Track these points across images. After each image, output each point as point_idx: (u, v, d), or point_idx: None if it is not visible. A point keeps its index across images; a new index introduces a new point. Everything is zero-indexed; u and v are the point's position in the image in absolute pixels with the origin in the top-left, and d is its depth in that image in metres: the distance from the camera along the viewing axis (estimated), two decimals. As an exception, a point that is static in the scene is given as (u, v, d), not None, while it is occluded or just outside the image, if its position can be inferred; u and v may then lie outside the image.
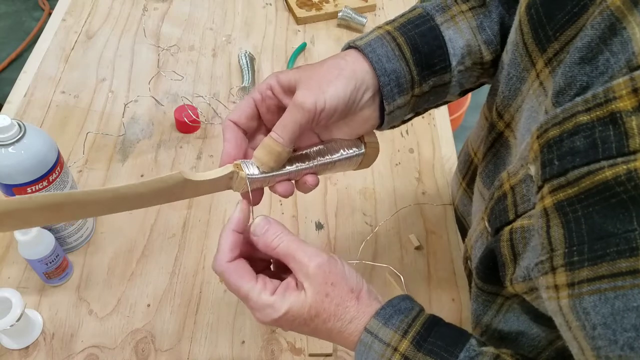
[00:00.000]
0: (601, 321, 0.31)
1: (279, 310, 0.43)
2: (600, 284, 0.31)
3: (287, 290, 0.44)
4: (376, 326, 0.44)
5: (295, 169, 0.48)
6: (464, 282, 0.72)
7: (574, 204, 0.33)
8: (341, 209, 0.79)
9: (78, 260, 0.71)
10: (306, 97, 0.43)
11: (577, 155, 0.33)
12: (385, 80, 0.47)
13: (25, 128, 0.59)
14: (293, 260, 0.44)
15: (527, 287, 0.40)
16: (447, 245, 0.76)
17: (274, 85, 0.47)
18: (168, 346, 0.65)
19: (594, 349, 0.32)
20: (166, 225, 0.75)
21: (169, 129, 0.87)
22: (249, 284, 0.43)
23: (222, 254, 0.44)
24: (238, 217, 0.45)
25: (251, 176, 0.45)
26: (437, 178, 0.83)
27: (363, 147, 0.51)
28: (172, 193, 0.43)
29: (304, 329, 0.45)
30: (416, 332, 0.43)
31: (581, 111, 0.33)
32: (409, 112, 0.52)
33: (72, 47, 0.98)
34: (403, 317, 0.44)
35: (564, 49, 0.39)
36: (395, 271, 0.71)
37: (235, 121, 0.47)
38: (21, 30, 2.30)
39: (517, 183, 0.42)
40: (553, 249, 0.34)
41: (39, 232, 0.62)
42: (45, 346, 0.64)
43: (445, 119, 0.92)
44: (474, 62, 0.51)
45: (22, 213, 0.38)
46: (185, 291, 0.69)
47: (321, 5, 1.08)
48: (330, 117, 0.46)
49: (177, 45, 1.00)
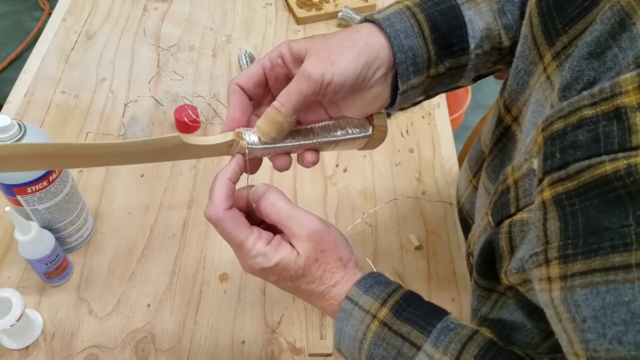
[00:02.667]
0: (591, 314, 0.31)
1: (270, 260, 0.43)
2: (593, 277, 0.31)
3: (280, 244, 0.44)
4: (357, 294, 0.45)
5: (297, 143, 0.46)
6: (464, 282, 0.72)
7: (572, 197, 0.33)
8: (341, 209, 0.79)
9: (78, 260, 0.71)
10: (314, 67, 0.42)
11: (578, 149, 0.32)
12: (402, 57, 0.45)
13: (25, 128, 0.59)
14: (286, 227, 0.44)
15: (521, 278, 0.40)
16: (447, 245, 0.76)
17: (285, 54, 0.45)
18: (168, 346, 0.65)
19: (582, 341, 0.32)
20: (166, 225, 0.75)
21: (169, 129, 0.87)
22: (245, 232, 0.44)
23: (217, 202, 0.43)
24: (234, 167, 0.45)
25: (251, 146, 0.44)
26: (437, 178, 0.83)
27: (370, 129, 0.49)
28: (170, 154, 0.43)
29: (287, 284, 0.46)
30: (395, 302, 0.44)
31: (587, 105, 0.33)
32: (421, 94, 0.51)
33: (72, 47, 0.98)
34: (383, 287, 0.45)
35: (572, 43, 0.39)
36: None
37: (242, 86, 0.46)
38: (21, 30, 2.30)
39: (521, 177, 0.42)
40: (548, 242, 0.34)
41: (39, 232, 0.62)
42: (45, 346, 0.64)
43: (445, 119, 0.91)
44: (492, 46, 0.50)
45: (19, 159, 0.38)
46: (185, 291, 0.69)
47: (321, 5, 1.08)
48: (338, 91, 0.44)
49: (177, 45, 1.00)
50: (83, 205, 0.70)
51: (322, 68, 0.42)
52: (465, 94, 1.84)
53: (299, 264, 0.44)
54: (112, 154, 0.40)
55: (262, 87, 0.47)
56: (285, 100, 0.43)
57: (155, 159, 0.43)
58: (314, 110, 0.49)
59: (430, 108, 0.92)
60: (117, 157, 0.41)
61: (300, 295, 0.47)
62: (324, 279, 0.45)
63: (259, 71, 0.46)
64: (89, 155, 0.40)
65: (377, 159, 0.85)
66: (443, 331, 0.42)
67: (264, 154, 0.46)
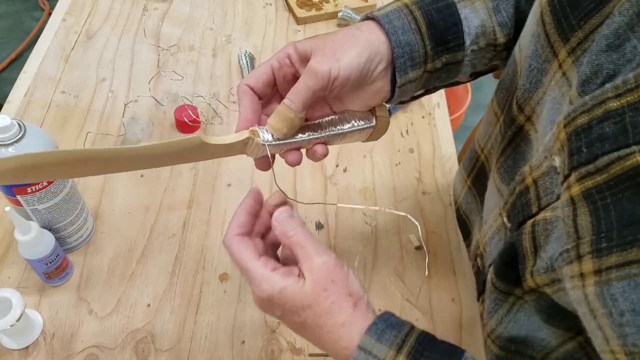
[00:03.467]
0: (629, 307, 0.30)
1: (274, 286, 0.43)
2: (630, 269, 0.30)
3: (287, 273, 0.44)
4: (369, 342, 0.42)
5: (307, 137, 0.49)
6: (464, 282, 0.72)
7: (602, 191, 0.32)
8: (341, 209, 0.79)
9: (78, 260, 0.71)
10: (320, 64, 0.44)
11: (606, 142, 0.32)
12: (399, 52, 0.47)
13: (25, 128, 0.59)
14: (302, 250, 0.44)
15: (549, 278, 0.39)
16: (447, 245, 0.76)
17: (291, 54, 0.47)
18: (168, 346, 0.65)
19: (620, 337, 0.31)
20: (166, 225, 0.75)
21: (169, 129, 0.87)
22: (251, 256, 0.44)
23: (231, 228, 0.46)
24: (250, 201, 0.47)
25: (266, 142, 0.46)
26: (437, 178, 0.83)
27: (374, 120, 0.52)
28: (188, 155, 0.44)
29: (294, 317, 0.44)
30: (411, 347, 0.42)
31: (611, 97, 0.32)
32: (419, 88, 0.53)
33: (72, 47, 0.98)
34: (396, 332, 0.43)
35: (588, 37, 0.39)
36: (413, 219, 0.71)
37: (252, 86, 0.47)
38: (21, 30, 2.30)
39: (540, 176, 0.42)
40: (580, 237, 0.34)
41: (39, 232, 0.62)
42: (45, 346, 0.64)
43: (445, 119, 0.92)
44: (487, 43, 0.51)
45: (40, 168, 0.38)
46: (185, 291, 0.69)
47: (321, 5, 1.08)
48: (344, 86, 0.46)
49: (177, 45, 1.00)
50: (83, 205, 0.70)
51: (328, 64, 0.44)
52: (465, 94, 1.83)
53: (306, 291, 0.43)
54: (135, 157, 0.41)
55: (270, 86, 0.49)
56: (294, 97, 0.45)
57: (174, 161, 0.44)
58: (319, 107, 0.51)
59: (430, 108, 0.92)
60: (140, 160, 0.42)
61: (307, 333, 0.45)
62: (333, 311, 0.43)
63: (268, 71, 0.48)
64: (108, 159, 0.40)
65: (377, 159, 0.85)
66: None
67: (276, 150, 0.48)
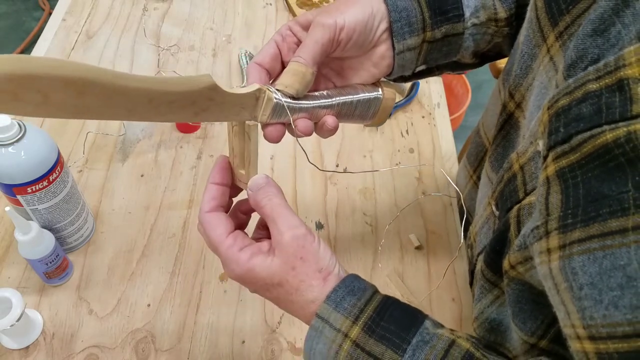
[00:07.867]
0: (588, 281, 0.31)
1: (242, 266, 0.43)
2: (590, 243, 0.31)
3: (255, 252, 0.44)
4: (327, 311, 0.43)
5: (318, 103, 0.48)
6: (464, 282, 0.72)
7: (574, 170, 0.33)
8: (341, 209, 0.79)
9: (78, 260, 0.71)
10: (326, 18, 0.45)
11: (581, 121, 0.33)
12: (396, 16, 0.48)
13: (25, 128, 0.59)
14: (273, 223, 0.44)
15: (523, 256, 0.40)
16: (447, 245, 0.76)
17: (292, 26, 0.48)
18: (168, 346, 0.65)
19: (579, 310, 0.32)
20: (166, 225, 0.75)
21: (169, 128, 0.87)
22: (220, 236, 0.44)
23: (202, 204, 0.46)
24: (217, 169, 0.47)
25: (278, 99, 0.44)
26: (437, 178, 0.83)
27: (380, 91, 0.52)
28: (195, 102, 0.41)
29: (266, 294, 0.45)
30: (368, 317, 0.42)
31: (591, 80, 0.33)
32: (420, 61, 0.52)
33: (72, 47, 0.98)
34: (355, 299, 0.43)
35: (575, 21, 0.39)
36: (453, 183, 0.70)
37: (260, 62, 0.48)
38: (21, 30, 2.30)
39: (526, 162, 0.42)
40: (549, 214, 0.34)
41: (39, 232, 0.62)
42: (45, 346, 0.64)
43: (446, 119, 0.92)
44: (488, 17, 0.51)
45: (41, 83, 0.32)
46: (185, 291, 0.69)
47: (321, 5, 1.08)
48: (349, 40, 0.46)
49: (177, 45, 1.00)
50: (83, 205, 0.70)
51: (333, 17, 0.45)
52: (465, 94, 1.84)
53: (274, 270, 0.43)
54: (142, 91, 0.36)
55: (278, 60, 0.49)
56: (303, 52, 0.45)
57: (182, 106, 0.40)
58: (323, 83, 0.52)
59: (430, 108, 0.92)
60: (144, 98, 0.37)
61: (282, 306, 0.46)
62: (302, 289, 0.43)
63: (273, 46, 0.49)
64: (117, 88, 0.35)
65: (377, 159, 0.85)
66: (419, 346, 0.41)
67: (288, 112, 0.46)
